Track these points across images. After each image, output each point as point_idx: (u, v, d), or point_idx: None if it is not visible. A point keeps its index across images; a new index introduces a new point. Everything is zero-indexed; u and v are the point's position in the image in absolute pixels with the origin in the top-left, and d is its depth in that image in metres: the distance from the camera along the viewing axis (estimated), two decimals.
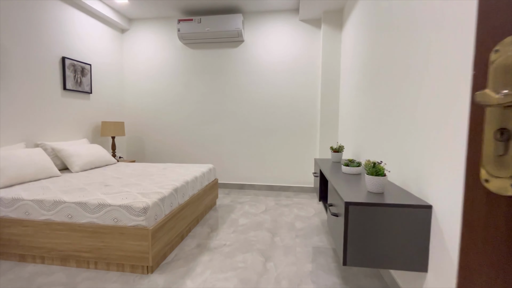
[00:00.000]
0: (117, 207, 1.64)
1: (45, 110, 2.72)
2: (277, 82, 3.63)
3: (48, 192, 1.86)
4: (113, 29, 3.74)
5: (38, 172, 2.22)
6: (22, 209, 1.76)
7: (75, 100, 3.10)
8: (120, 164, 3.09)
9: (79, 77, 3.13)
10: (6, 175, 1.99)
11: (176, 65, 3.85)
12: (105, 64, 3.58)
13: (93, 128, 3.40)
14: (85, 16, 3.23)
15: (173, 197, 1.98)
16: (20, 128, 2.48)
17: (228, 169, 3.84)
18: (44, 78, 2.70)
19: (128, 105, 4.01)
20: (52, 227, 1.71)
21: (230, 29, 3.46)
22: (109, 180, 2.22)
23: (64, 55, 2.93)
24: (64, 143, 2.80)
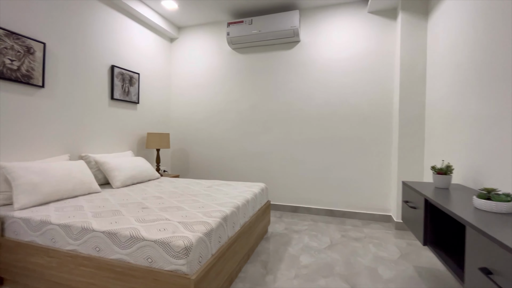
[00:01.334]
0: (152, 243, 1.24)
1: (91, 120, 2.58)
2: (340, 86, 3.06)
3: (78, 215, 1.56)
4: (163, 38, 3.62)
5: (76, 188, 1.99)
6: (49, 235, 1.48)
7: (122, 110, 2.95)
8: (163, 179, 2.80)
9: (127, 86, 2.99)
10: (41, 192, 1.77)
11: (224, 72, 3.55)
12: (153, 73, 3.44)
13: (138, 139, 3.22)
14: (136, 24, 3.13)
15: (222, 228, 1.53)
16: (66, 138, 2.33)
17: (279, 188, 3.32)
18: (92, 86, 2.58)
19: (173, 116, 3.82)
20: (78, 261, 1.37)
21: (285, 29, 3.04)
22: (148, 200, 1.88)
23: (113, 64, 2.82)
24: (108, 156, 2.61)
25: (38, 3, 2.09)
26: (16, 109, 1.96)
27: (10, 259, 1.56)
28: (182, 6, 3.16)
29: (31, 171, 1.80)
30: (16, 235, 1.56)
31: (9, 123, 1.92)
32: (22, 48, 1.97)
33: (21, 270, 1.53)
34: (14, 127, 1.95)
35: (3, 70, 1.86)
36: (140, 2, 3.01)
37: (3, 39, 1.86)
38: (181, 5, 3.15)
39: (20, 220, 1.56)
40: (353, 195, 3.02)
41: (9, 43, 1.89)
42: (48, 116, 2.18)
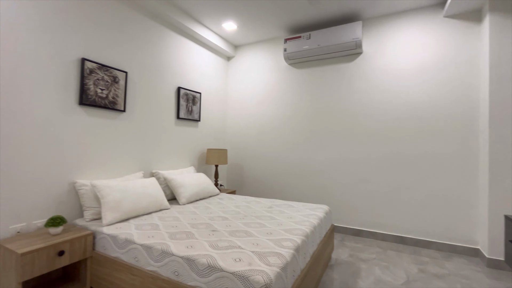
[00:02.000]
0: (231, 275, 1.22)
1: (160, 139, 2.78)
2: (410, 98, 2.77)
3: (156, 235, 1.65)
4: (220, 57, 3.78)
5: (150, 205, 2.13)
6: (132, 254, 1.58)
7: (185, 128, 3.13)
8: (223, 196, 2.85)
9: (190, 105, 3.17)
10: (122, 209, 1.93)
11: (280, 88, 3.53)
12: (211, 92, 3.60)
13: (199, 155, 3.37)
14: (198, 47, 3.33)
15: (295, 261, 1.45)
16: (140, 156, 2.54)
17: (340, 208, 3.12)
18: (162, 108, 2.79)
19: (229, 132, 3.92)
20: (158, 283, 1.43)
21: (346, 41, 2.90)
22: (215, 221, 1.91)
23: (179, 85, 3.02)
24: (174, 172, 2.77)
25: (122, 38, 2.35)
26: (103, 131, 2.21)
27: (99, 271, 1.71)
28: (241, 26, 3.26)
29: (115, 189, 1.98)
30: (105, 250, 1.72)
31: (97, 144, 2.16)
32: (110, 78, 2.23)
33: (108, 283, 1.66)
34: (101, 147, 2.19)
35: (96, 98, 2.11)
36: (202, 26, 3.20)
37: (96, 71, 2.12)
38: (240, 25, 3.25)
39: (108, 236, 1.71)
40: (429, 221, 2.67)
41: (101, 74, 2.15)
42: (126, 137, 2.41)
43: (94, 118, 2.13)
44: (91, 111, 2.11)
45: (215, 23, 3.19)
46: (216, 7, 2.83)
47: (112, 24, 2.27)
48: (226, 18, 3.06)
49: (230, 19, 3.10)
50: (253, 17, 3.03)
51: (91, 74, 2.08)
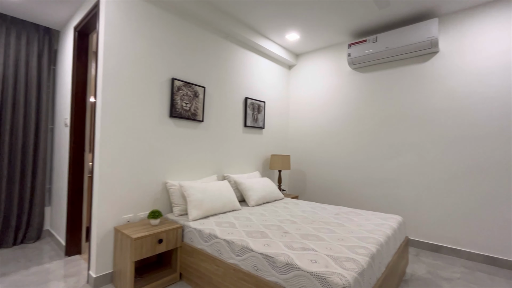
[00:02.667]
0: (308, 274, 1.30)
1: (230, 145, 3.05)
2: (496, 100, 2.43)
3: (235, 232, 1.84)
4: (282, 67, 3.94)
5: (225, 205, 2.37)
6: (215, 247, 1.80)
7: (251, 135, 3.35)
8: (288, 200, 2.95)
9: (256, 114, 3.38)
10: (204, 207, 2.20)
11: (343, 93, 3.49)
12: (274, 100, 3.77)
13: (263, 161, 3.56)
14: (262, 59, 3.54)
15: (371, 269, 1.45)
16: (214, 161, 2.84)
17: (414, 221, 2.89)
18: (231, 117, 3.06)
19: (291, 138, 4.02)
20: (239, 275, 1.60)
21: (420, 41, 2.71)
22: (285, 224, 2.02)
23: (246, 96, 3.27)
24: (243, 176, 2.99)
25: (201, 58, 2.69)
26: (186, 139, 2.56)
27: (187, 260, 1.99)
28: (303, 36, 3.36)
29: (197, 190, 2.27)
30: (192, 242, 1.99)
31: (182, 150, 2.51)
32: (192, 93, 2.58)
33: (194, 271, 1.92)
34: (185, 153, 2.54)
35: (181, 111, 2.48)
36: (267, 39, 3.41)
37: (182, 88, 2.48)
38: (303, 35, 3.35)
39: (194, 230, 1.98)
40: None
41: (185, 90, 2.51)
42: (204, 143, 2.73)
43: (180, 128, 2.50)
44: (178, 122, 2.48)
45: (278, 35, 3.37)
46: (281, 20, 2.99)
47: (193, 47, 2.62)
48: (290, 29, 3.20)
49: (294, 30, 3.22)
50: (316, 26, 3.10)
51: (178, 91, 2.45)
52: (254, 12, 2.83)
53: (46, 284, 1.96)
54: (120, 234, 1.89)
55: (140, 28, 2.19)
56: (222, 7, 2.73)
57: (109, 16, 2.00)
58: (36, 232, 2.80)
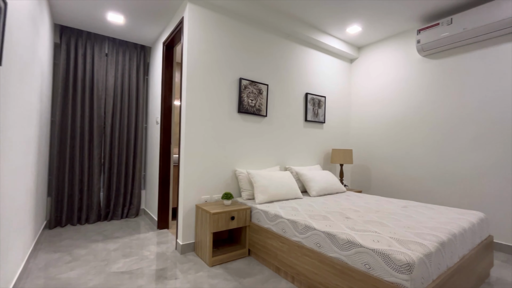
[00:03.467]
0: (370, 251, 1.37)
1: (291, 139, 3.21)
2: None
3: (298, 214, 1.99)
4: (343, 61, 3.90)
5: (288, 193, 2.54)
6: (280, 226, 1.99)
7: (312, 130, 3.45)
8: (350, 193, 2.95)
9: (316, 109, 3.47)
10: (268, 193, 2.42)
11: (412, 83, 3.27)
12: (335, 94, 3.77)
13: (324, 155, 3.60)
14: (322, 54, 3.60)
15: (440, 255, 1.41)
16: (276, 153, 3.05)
17: (503, 223, 2.53)
18: (292, 112, 3.23)
19: (353, 132, 3.94)
20: (303, 251, 1.75)
21: (506, 17, 2.38)
22: (347, 212, 2.07)
23: (307, 91, 3.39)
24: (304, 168, 3.12)
25: (264, 58, 2.94)
26: (252, 132, 2.83)
27: (254, 238, 2.24)
28: (365, 27, 3.29)
29: (263, 177, 2.51)
30: (258, 221, 2.23)
31: (248, 142, 2.80)
32: (257, 90, 2.84)
33: (261, 248, 2.15)
34: (251, 144, 2.82)
35: (248, 107, 2.77)
36: (327, 35, 3.46)
37: (248, 87, 2.77)
38: (365, 27, 3.28)
39: (261, 211, 2.22)
40: None
41: (251, 88, 2.80)
42: (267, 136, 2.97)
43: (247, 122, 2.79)
44: (245, 117, 2.78)
45: (339, 30, 3.38)
46: (342, 14, 3.01)
47: (258, 49, 2.89)
48: (351, 22, 3.18)
49: (355, 23, 3.19)
50: (380, 16, 3.01)
51: (245, 89, 2.75)
52: (315, 10, 2.93)
53: (146, 247, 2.47)
54: (200, 210, 2.27)
55: (213, 37, 2.56)
56: (284, 9, 2.93)
57: (190, 30, 2.41)
58: (135, 209, 3.50)
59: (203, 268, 2.07)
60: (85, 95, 3.19)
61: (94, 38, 3.27)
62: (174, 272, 1.98)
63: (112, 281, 1.84)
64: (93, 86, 3.25)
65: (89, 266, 2.07)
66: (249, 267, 2.11)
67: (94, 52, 3.26)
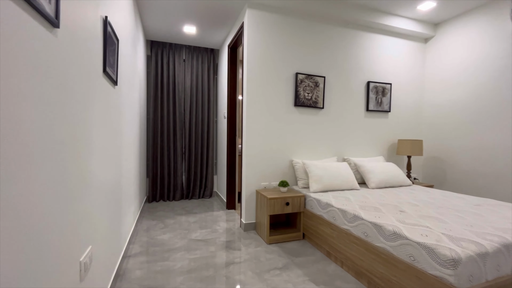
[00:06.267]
0: (415, 243, 1.39)
1: (350, 130, 3.18)
2: None
3: (349, 204, 2.08)
4: (414, 42, 3.52)
5: (343, 183, 2.60)
6: (331, 214, 2.12)
7: (374, 120, 3.31)
8: (416, 187, 2.77)
9: (380, 97, 3.29)
10: (323, 182, 2.54)
11: (500, 63, 2.75)
12: (403, 80, 3.47)
13: (389, 146, 3.42)
14: (387, 38, 3.35)
15: (502, 256, 1.32)
16: (334, 144, 3.09)
17: None
18: (352, 102, 3.17)
19: (425, 122, 3.56)
20: (350, 239, 1.85)
21: None
22: (404, 205, 2.03)
23: (369, 80, 3.25)
24: (364, 159, 3.07)
25: (321, 50, 2.98)
26: (308, 124, 2.95)
27: (308, 223, 2.43)
28: (441, 1, 2.90)
29: (317, 167, 2.63)
30: (312, 209, 2.40)
31: (304, 134, 2.93)
32: (313, 83, 2.93)
33: (314, 232, 2.32)
34: (307, 136, 2.95)
35: (304, 100, 2.89)
36: (393, 16, 3.19)
37: (304, 80, 2.89)
38: (441, 1, 2.89)
39: (314, 199, 2.37)
40: None
41: (307, 82, 2.90)
42: (324, 128, 3.03)
43: (303, 115, 2.92)
44: (301, 110, 2.92)
45: (408, 8, 3.07)
46: None
47: (314, 42, 2.94)
48: None
49: None
50: None
51: (301, 83, 2.87)
52: None
53: (217, 223, 2.96)
54: (260, 195, 2.57)
55: (270, 37, 2.75)
56: None
57: (249, 33, 2.67)
58: (209, 191, 4.12)
59: (261, 244, 2.39)
60: (169, 96, 3.88)
61: (174, 47, 3.90)
62: (238, 245, 2.37)
63: (192, 246, 2.34)
64: (175, 88, 3.91)
65: (176, 232, 2.65)
66: (302, 248, 2.32)
67: (175, 59, 3.90)
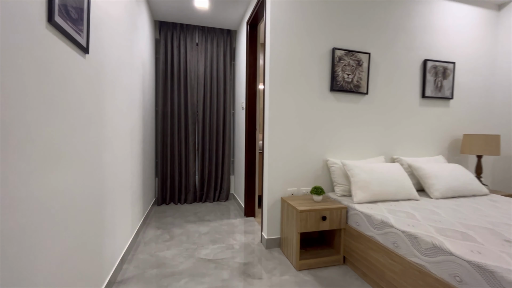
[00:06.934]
0: None
1: (401, 121, 2.50)
2: None
3: (417, 225, 1.45)
4: (486, 9, 2.74)
5: (398, 192, 1.96)
6: (390, 238, 1.50)
7: (432, 109, 2.60)
8: (496, 198, 2.06)
9: (440, 80, 2.57)
10: (371, 190, 1.91)
11: None
12: (471, 58, 2.71)
13: (450, 142, 2.69)
14: (449, 4, 2.61)
15: None
16: (380, 140, 2.43)
17: None
18: (403, 87, 2.49)
19: (499, 111, 2.78)
20: (428, 281, 1.23)
21: None
22: (501, 229, 1.36)
23: (425, 58, 2.54)
24: (420, 160, 2.39)
25: (364, 21, 2.32)
26: (348, 115, 2.32)
27: (351, 244, 1.82)
28: None
29: (363, 170, 2.01)
30: (357, 226, 1.79)
31: (343, 127, 2.31)
32: (354, 62, 2.29)
33: (361, 259, 1.71)
34: (346, 130, 2.32)
35: (343, 83, 2.26)
36: None
37: (343, 58, 2.25)
38: None
39: (361, 214, 1.76)
40: None
41: (347, 60, 2.26)
42: (368, 119, 2.39)
43: (341, 103, 2.30)
44: (339, 96, 2.29)
45: None
46: None
47: (355, 9, 2.29)
48: None
49: None
50: None
51: (339, 62, 2.24)
52: None
53: (232, 235, 2.43)
54: (287, 205, 2.00)
55: (298, 6, 2.14)
56: None
57: (272, 2, 2.09)
58: (225, 193, 3.61)
59: (289, 270, 1.82)
60: (180, 85, 3.40)
61: (186, 29, 3.41)
62: (259, 270, 1.82)
63: (199, 269, 1.83)
64: (186, 75, 3.43)
65: (182, 247, 2.16)
66: (345, 279, 1.72)
67: (186, 43, 3.41)
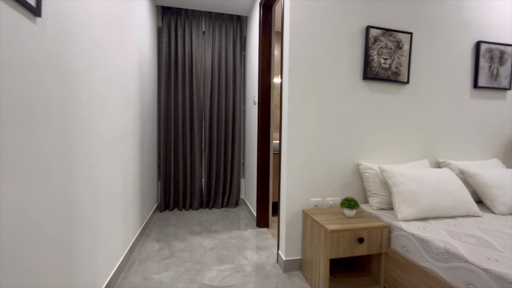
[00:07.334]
0: None
1: (448, 117, 2.05)
2: None
3: (501, 258, 1.03)
4: None
5: (454, 206, 1.53)
6: (462, 274, 1.08)
7: (486, 102, 2.14)
8: None
9: (496, 67, 2.11)
10: (420, 204, 1.49)
11: None
12: None
13: (506, 143, 2.22)
14: None
15: None
16: (423, 140, 2.00)
17: None
18: (450, 74, 2.04)
19: None
20: None
21: None
22: None
23: (479, 39, 2.08)
24: (472, 164, 1.94)
25: None
26: (384, 109, 1.90)
27: (396, 274, 1.41)
28: None
29: (407, 177, 1.59)
30: (406, 251, 1.38)
31: (378, 123, 1.89)
32: (393, 44, 1.86)
33: None
34: (382, 127, 1.90)
35: (379, 70, 1.84)
36: None
37: (379, 39, 1.83)
38: None
39: (412, 236, 1.34)
40: None
41: (384, 41, 1.84)
42: (409, 115, 1.96)
43: (375, 94, 1.88)
44: (374, 85, 1.87)
45: None
46: None
47: None
48: None
49: None
50: None
51: (375, 43, 1.82)
52: None
53: (243, 252, 2.06)
54: (310, 220, 1.61)
55: None
56: None
57: None
58: (235, 199, 3.24)
59: None
60: (185, 78, 3.06)
61: (191, 15, 3.06)
62: None
63: None
64: (192, 68, 3.08)
65: (183, 267, 1.81)
66: None
67: (192, 31, 3.06)
